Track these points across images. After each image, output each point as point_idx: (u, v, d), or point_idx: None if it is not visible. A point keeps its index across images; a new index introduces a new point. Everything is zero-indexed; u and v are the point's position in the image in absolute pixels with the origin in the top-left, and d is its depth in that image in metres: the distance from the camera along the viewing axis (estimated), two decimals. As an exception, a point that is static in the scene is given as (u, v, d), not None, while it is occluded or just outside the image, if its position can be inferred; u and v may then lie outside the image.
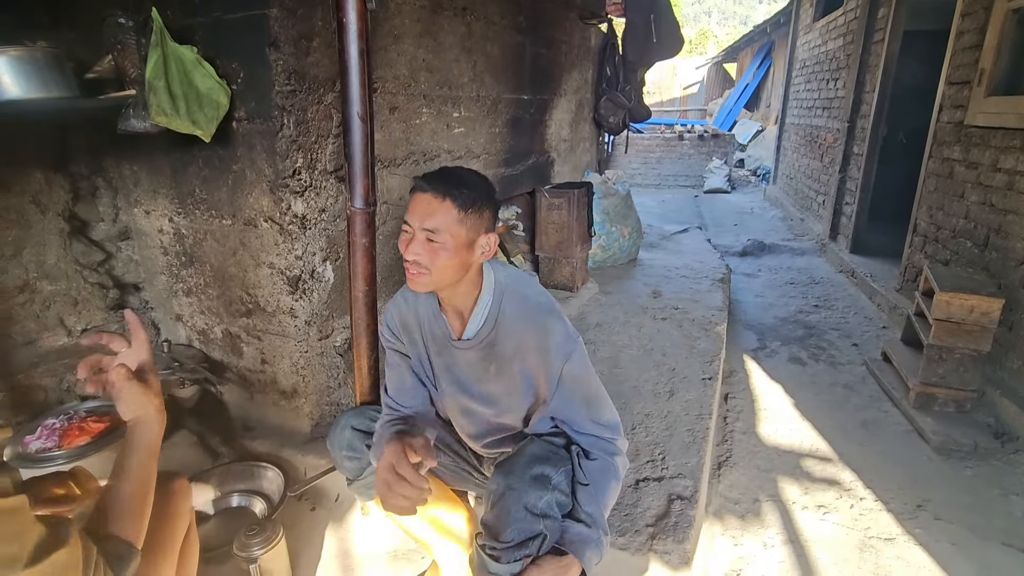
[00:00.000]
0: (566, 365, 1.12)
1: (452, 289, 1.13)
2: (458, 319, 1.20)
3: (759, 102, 12.61)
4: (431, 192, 1.05)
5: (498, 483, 1.06)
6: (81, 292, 1.92)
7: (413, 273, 1.08)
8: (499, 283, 1.18)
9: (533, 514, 1.01)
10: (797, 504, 1.97)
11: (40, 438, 1.54)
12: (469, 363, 1.19)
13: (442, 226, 1.04)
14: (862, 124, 4.80)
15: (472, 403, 1.23)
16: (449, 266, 1.07)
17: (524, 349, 1.14)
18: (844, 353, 3.19)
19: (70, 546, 0.67)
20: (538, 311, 1.16)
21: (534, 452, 1.10)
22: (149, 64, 1.43)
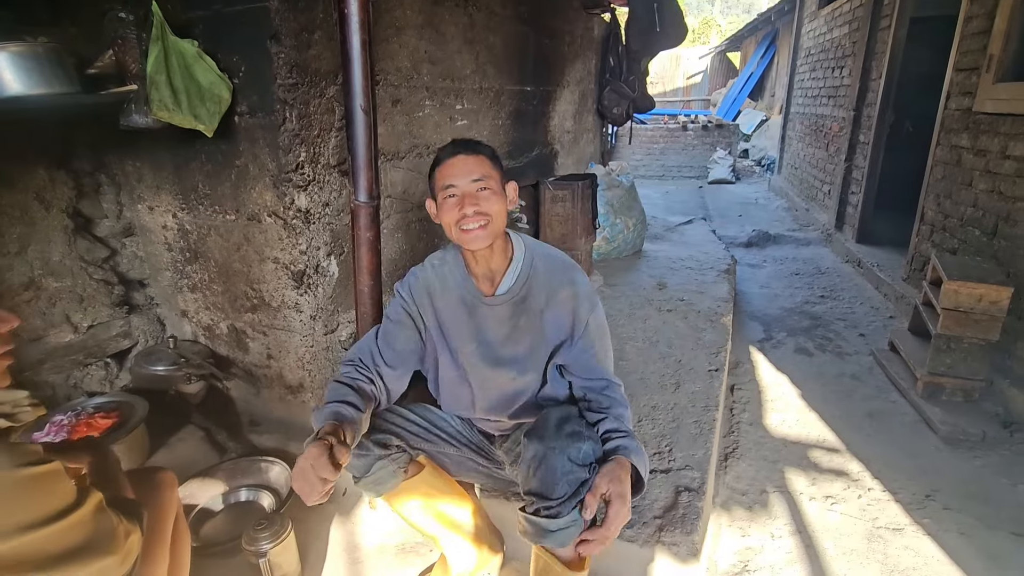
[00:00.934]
0: (592, 314, 1.24)
1: (491, 248, 1.22)
2: (488, 282, 1.27)
3: (763, 91, 12.50)
4: (463, 152, 1.19)
5: (535, 449, 1.08)
6: (86, 289, 1.92)
7: (476, 227, 1.16)
8: (528, 247, 1.30)
9: (578, 464, 1.04)
10: (804, 495, 1.96)
11: (49, 434, 1.55)
12: (499, 321, 1.26)
13: (487, 172, 1.18)
14: (868, 112, 4.75)
15: (496, 364, 1.28)
16: (502, 211, 1.19)
17: (554, 298, 1.24)
18: (851, 343, 3.17)
19: (95, 497, 0.80)
20: (566, 266, 1.28)
21: (559, 415, 1.15)
22: (150, 59, 1.42)
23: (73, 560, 0.74)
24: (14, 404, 0.77)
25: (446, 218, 1.19)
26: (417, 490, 1.36)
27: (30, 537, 0.69)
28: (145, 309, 2.11)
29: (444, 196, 1.19)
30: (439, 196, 1.21)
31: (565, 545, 1.05)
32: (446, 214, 1.19)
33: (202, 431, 1.89)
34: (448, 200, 1.18)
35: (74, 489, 0.77)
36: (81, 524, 0.75)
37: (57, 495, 0.74)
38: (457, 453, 1.41)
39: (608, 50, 4.04)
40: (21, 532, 0.69)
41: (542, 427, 1.11)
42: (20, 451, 0.72)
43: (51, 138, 1.80)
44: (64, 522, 0.73)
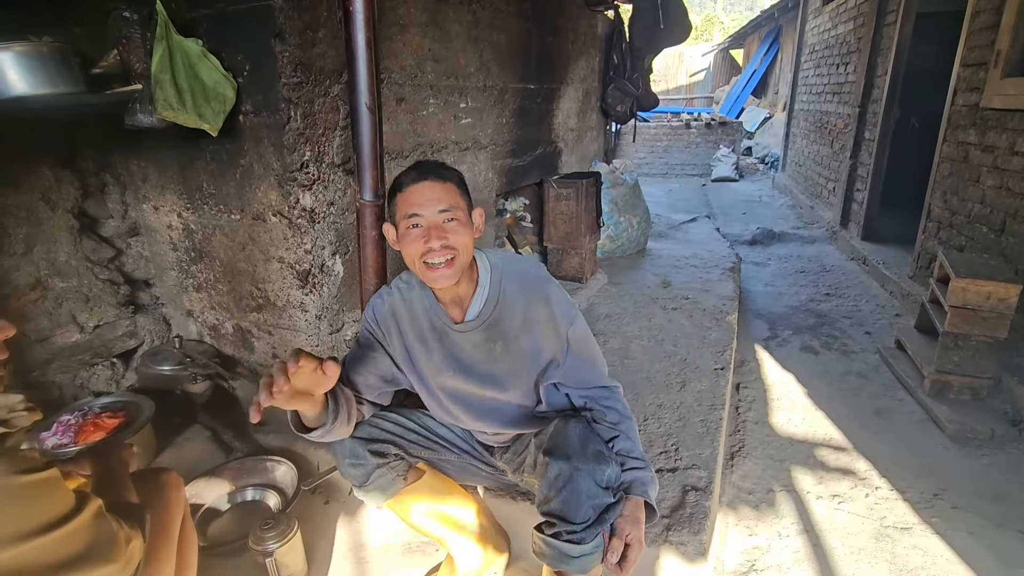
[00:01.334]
0: (571, 329, 1.18)
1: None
2: (457, 307, 1.20)
3: (767, 89, 12.45)
4: (430, 179, 1.09)
5: (559, 469, 1.04)
6: (92, 289, 1.92)
7: (442, 263, 1.07)
8: (495, 265, 1.21)
9: (602, 488, 1.03)
10: (811, 494, 1.95)
11: (56, 434, 1.56)
12: (474, 345, 1.20)
13: (455, 201, 1.09)
14: (873, 109, 4.72)
15: (477, 387, 1.23)
16: (469, 244, 1.11)
17: (531, 322, 1.17)
18: (857, 341, 3.15)
19: (94, 503, 0.79)
20: (538, 283, 1.20)
21: (580, 432, 1.11)
22: (154, 58, 1.42)
23: (73, 568, 0.73)
24: (9, 409, 0.76)
25: (409, 250, 1.09)
26: (419, 494, 1.35)
27: (28, 546, 0.68)
28: (151, 309, 2.11)
29: (407, 226, 1.08)
30: (400, 225, 1.10)
31: (586, 572, 1.01)
32: (409, 246, 1.08)
33: (208, 431, 1.89)
34: (411, 231, 1.08)
35: (72, 496, 0.76)
36: (80, 531, 0.74)
37: (55, 502, 0.73)
38: (458, 460, 1.39)
39: (612, 47, 4.02)
40: (19, 541, 0.68)
41: (565, 444, 1.07)
42: (16, 458, 0.71)
43: (56, 138, 1.80)
44: (62, 530, 0.72)
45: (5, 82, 1.32)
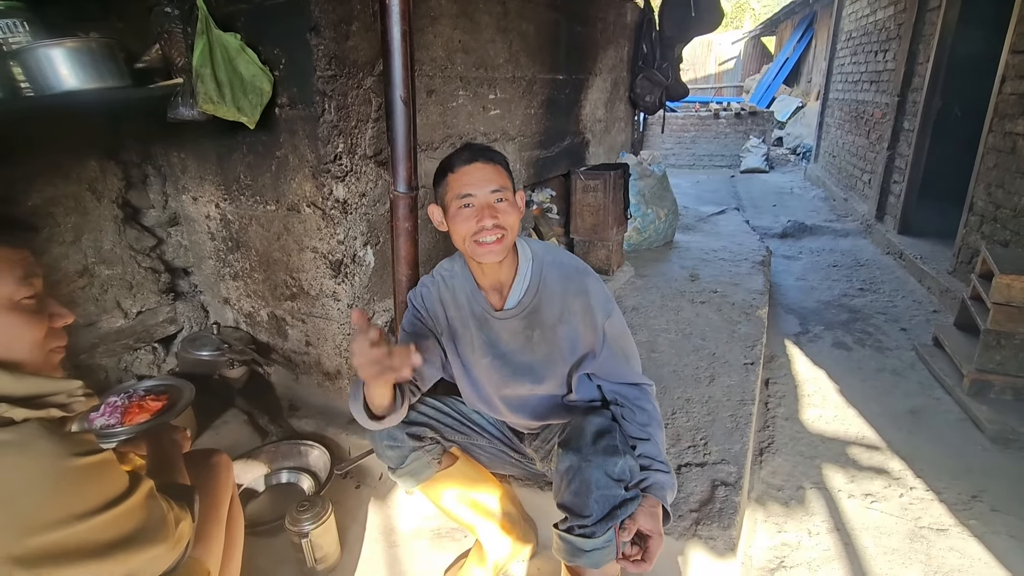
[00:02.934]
0: (607, 321, 1.20)
1: (500, 262, 1.16)
2: (496, 294, 1.23)
3: (799, 77, 12.09)
4: (480, 160, 1.13)
5: (570, 461, 1.06)
6: (135, 276, 1.99)
7: (492, 241, 1.10)
8: (536, 254, 1.23)
9: (613, 479, 1.03)
10: (843, 492, 1.92)
11: (104, 415, 1.63)
12: (512, 333, 1.22)
13: (504, 183, 1.13)
14: (913, 98, 4.56)
15: (513, 374, 1.25)
16: (516, 223, 1.14)
17: (569, 312, 1.19)
18: (892, 338, 3.07)
19: (146, 484, 0.82)
20: (576, 274, 1.22)
21: (595, 425, 1.13)
22: (195, 52, 1.45)
23: (125, 547, 0.75)
24: (69, 394, 0.79)
25: (460, 229, 1.12)
26: (452, 480, 1.38)
27: (84, 525, 0.71)
28: (190, 296, 2.18)
29: (459, 205, 1.11)
30: (451, 205, 1.13)
31: (599, 566, 1.02)
32: (461, 224, 1.11)
33: (245, 415, 1.95)
34: (464, 210, 1.11)
35: (126, 478, 0.79)
36: (132, 512, 0.77)
37: (109, 484, 0.76)
38: (489, 445, 1.42)
39: (641, 36, 3.96)
40: (75, 521, 0.70)
41: (577, 438, 1.09)
42: (75, 441, 0.74)
43: (102, 131, 1.86)
44: (116, 510, 0.74)
45: (57, 77, 1.37)
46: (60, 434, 0.73)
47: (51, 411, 0.75)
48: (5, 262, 0.78)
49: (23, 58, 1.36)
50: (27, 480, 0.68)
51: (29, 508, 0.67)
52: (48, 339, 0.83)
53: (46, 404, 0.75)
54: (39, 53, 1.35)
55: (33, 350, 0.80)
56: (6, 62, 1.36)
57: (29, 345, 0.80)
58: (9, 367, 0.75)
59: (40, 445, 0.70)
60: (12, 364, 0.76)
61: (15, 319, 0.78)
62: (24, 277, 0.80)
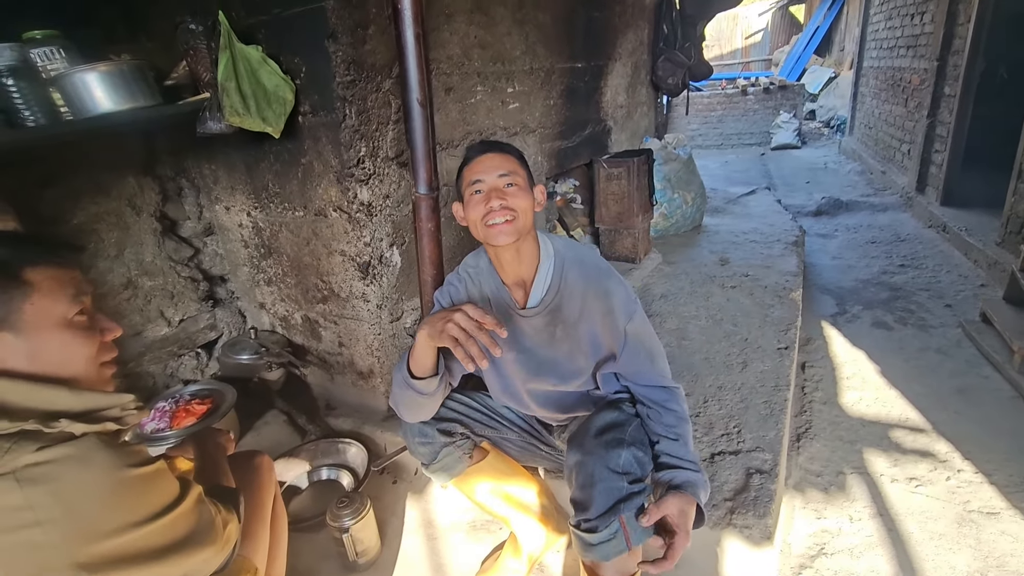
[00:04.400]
0: (629, 324, 1.19)
1: (519, 247, 1.18)
2: (520, 289, 1.24)
3: (831, 46, 11.60)
4: (491, 151, 1.18)
5: (574, 457, 1.08)
6: (176, 286, 2.08)
7: (502, 222, 1.12)
8: (558, 251, 1.24)
9: (615, 472, 1.04)
10: (885, 476, 1.87)
11: (154, 420, 1.71)
12: (535, 329, 1.23)
13: (514, 168, 1.16)
14: (954, 61, 4.33)
15: (538, 370, 1.26)
16: (528, 208, 1.16)
17: (590, 311, 1.19)
18: (936, 315, 2.95)
19: (195, 490, 0.86)
20: (598, 275, 1.22)
21: (602, 420, 1.14)
22: (220, 66, 1.50)
23: (176, 552, 0.79)
24: (122, 408, 0.82)
25: (472, 214, 1.16)
26: (484, 474, 1.40)
27: (140, 532, 0.75)
28: (227, 303, 2.27)
29: (471, 192, 1.16)
30: (466, 193, 1.18)
31: (608, 559, 1.02)
32: (472, 210, 1.16)
33: (284, 415, 2.03)
34: (474, 196, 1.15)
35: (176, 485, 0.83)
36: (183, 518, 0.81)
37: (161, 492, 0.80)
38: (519, 439, 1.44)
39: (661, 17, 3.87)
40: (131, 528, 0.74)
41: (582, 434, 1.11)
42: (130, 453, 0.78)
43: (137, 148, 1.94)
44: (168, 517, 0.78)
45: (93, 100, 1.43)
46: (116, 447, 0.77)
47: (107, 425, 0.78)
48: (57, 281, 0.81)
49: (61, 84, 1.42)
50: (89, 492, 0.72)
51: (92, 517, 0.71)
52: (100, 353, 0.87)
53: (102, 418, 0.78)
54: (75, 78, 1.41)
55: (87, 365, 0.84)
56: (46, 89, 1.43)
57: (84, 361, 0.83)
58: (67, 383, 0.79)
59: (99, 458, 0.74)
60: (69, 380, 0.80)
61: (70, 336, 0.82)
62: (75, 295, 0.83)
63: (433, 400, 1.20)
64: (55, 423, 0.72)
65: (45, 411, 0.73)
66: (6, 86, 1.37)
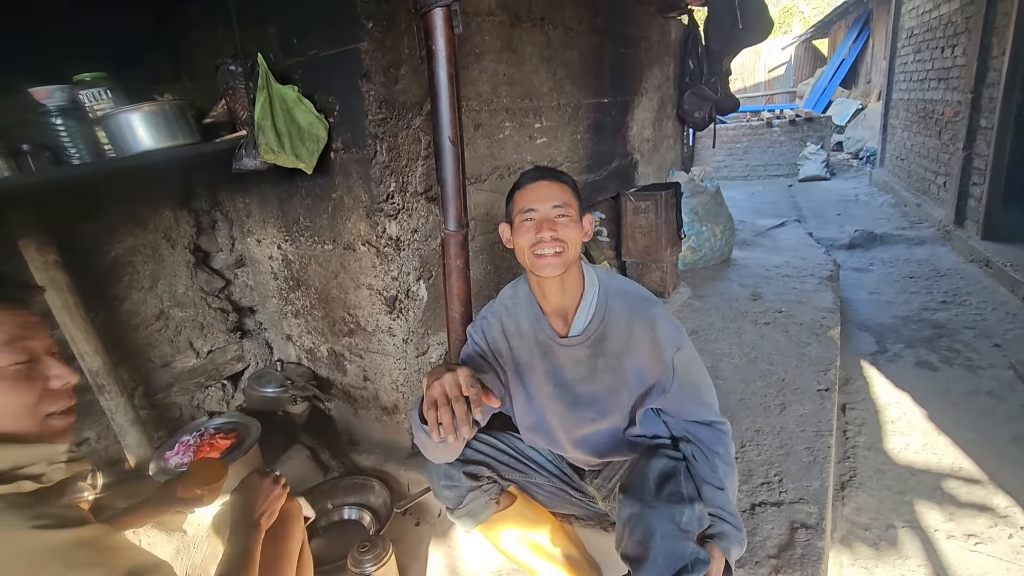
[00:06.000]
0: (677, 354, 1.15)
1: (562, 281, 1.16)
2: (560, 319, 1.21)
3: (857, 78, 11.56)
4: (547, 179, 1.17)
5: (631, 508, 1.02)
6: (206, 317, 2.10)
7: (551, 254, 1.11)
8: (601, 281, 1.22)
9: (680, 529, 0.97)
10: (940, 532, 1.74)
11: (178, 454, 1.70)
12: (577, 361, 1.19)
13: (568, 200, 1.15)
14: (990, 93, 4.24)
15: (575, 404, 1.22)
16: (577, 241, 1.15)
17: (635, 342, 1.16)
18: (984, 355, 2.80)
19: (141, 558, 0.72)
20: (643, 304, 1.19)
21: (658, 468, 1.07)
22: (257, 106, 1.53)
23: None
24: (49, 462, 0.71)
25: (521, 241, 1.15)
26: (511, 521, 1.34)
27: None
28: (255, 334, 2.28)
29: (522, 219, 1.15)
30: (516, 219, 1.17)
31: None
32: (521, 236, 1.15)
33: (307, 450, 1.99)
34: (525, 223, 1.15)
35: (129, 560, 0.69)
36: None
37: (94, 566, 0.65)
38: (549, 484, 1.38)
39: (687, 53, 3.90)
40: None
41: (639, 484, 1.04)
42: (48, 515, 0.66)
43: (175, 182, 1.99)
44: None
45: (135, 138, 1.48)
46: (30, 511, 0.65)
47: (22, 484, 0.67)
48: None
49: (106, 123, 1.47)
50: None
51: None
52: (43, 404, 0.76)
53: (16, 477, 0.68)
54: (120, 118, 1.46)
55: (21, 418, 0.73)
56: (92, 128, 1.48)
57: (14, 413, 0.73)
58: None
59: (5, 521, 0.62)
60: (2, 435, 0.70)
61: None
62: (10, 341, 0.73)
63: (450, 448, 1.16)
64: None
65: None
66: (55, 125, 1.42)
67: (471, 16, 1.90)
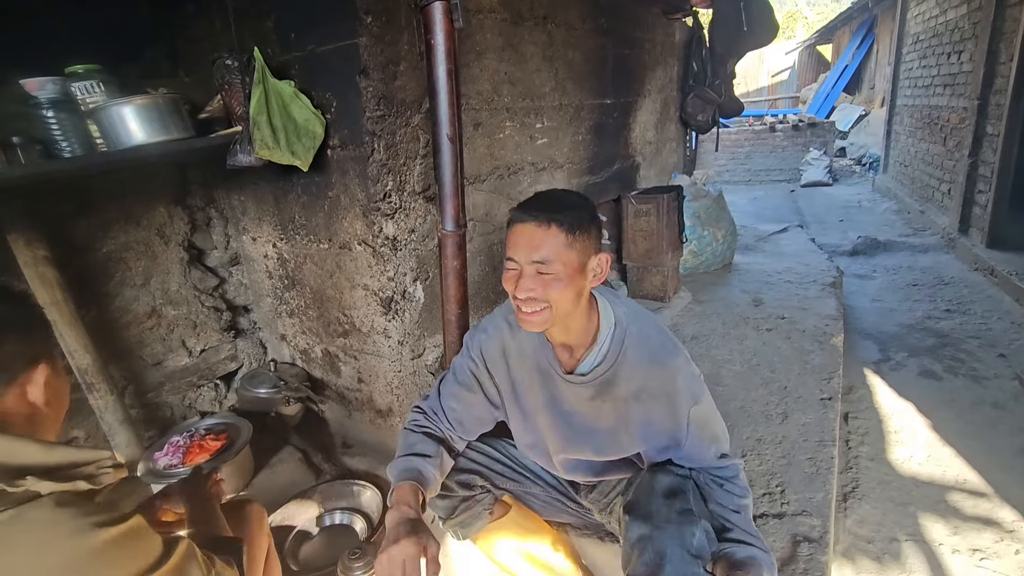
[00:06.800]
0: (694, 408, 1.06)
1: (565, 323, 1.05)
2: (567, 352, 1.11)
3: (861, 84, 11.54)
4: (533, 221, 0.98)
5: (640, 529, 0.96)
6: (199, 315, 2.07)
7: (527, 312, 1.00)
8: (619, 321, 1.09)
9: (690, 554, 0.92)
10: (945, 546, 1.70)
11: (167, 455, 1.67)
12: (578, 398, 1.11)
13: (552, 255, 0.97)
14: (996, 100, 4.20)
15: (573, 437, 1.15)
16: (565, 297, 0.99)
17: (648, 394, 1.06)
18: (988, 365, 2.77)
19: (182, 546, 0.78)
20: (663, 353, 1.07)
21: (665, 484, 1.01)
22: (252, 101, 1.50)
23: None
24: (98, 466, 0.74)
25: (505, 286, 1.03)
26: (505, 531, 1.31)
27: None
28: (249, 333, 2.24)
29: (506, 262, 1.03)
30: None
31: None
32: (505, 284, 1.03)
33: (299, 452, 1.96)
34: (507, 271, 1.02)
35: (158, 542, 0.75)
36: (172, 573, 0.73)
37: (142, 552, 0.72)
38: (544, 493, 1.34)
39: (691, 55, 3.86)
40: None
41: (647, 502, 0.98)
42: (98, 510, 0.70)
43: (170, 178, 1.96)
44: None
45: (127, 132, 1.45)
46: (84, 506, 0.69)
47: (78, 483, 0.70)
48: None
49: (98, 116, 1.44)
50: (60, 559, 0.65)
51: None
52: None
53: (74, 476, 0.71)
54: (112, 111, 1.43)
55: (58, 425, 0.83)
56: (84, 121, 1.45)
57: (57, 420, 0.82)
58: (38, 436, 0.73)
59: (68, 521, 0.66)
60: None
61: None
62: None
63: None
64: (20, 481, 0.64)
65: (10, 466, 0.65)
66: (46, 118, 1.39)
67: (472, 13, 1.87)
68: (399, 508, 0.97)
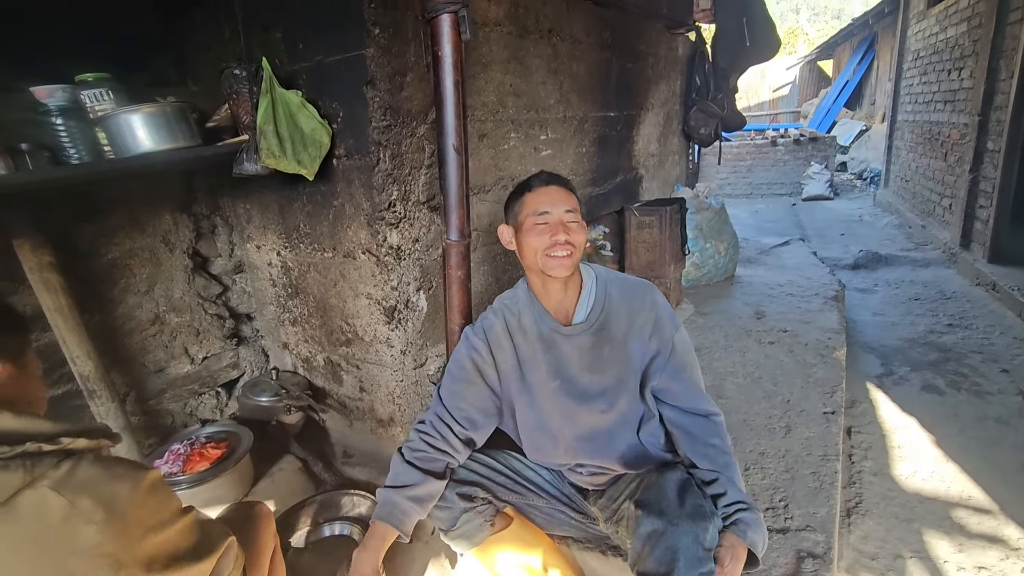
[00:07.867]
0: (677, 334, 1.22)
1: (565, 282, 1.21)
2: (562, 315, 1.24)
3: (861, 99, 11.61)
4: (557, 184, 1.23)
5: (653, 524, 0.99)
6: (202, 323, 2.07)
7: (563, 255, 1.16)
8: (599, 273, 1.28)
9: (705, 548, 0.95)
10: (950, 563, 1.69)
11: (167, 463, 1.66)
12: (581, 352, 1.21)
13: (575, 207, 1.21)
14: (997, 116, 4.23)
15: (582, 398, 1.21)
16: (583, 243, 1.21)
17: (638, 324, 1.21)
18: (992, 381, 2.76)
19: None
20: (642, 289, 1.26)
21: (675, 481, 1.06)
22: (260, 110, 1.52)
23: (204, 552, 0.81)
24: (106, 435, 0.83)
25: (534, 242, 1.18)
26: (506, 543, 1.29)
27: (168, 532, 0.77)
28: (251, 341, 2.24)
29: (535, 221, 1.18)
30: (527, 220, 1.20)
31: None
32: (535, 238, 1.18)
33: (300, 462, 1.95)
34: (539, 226, 1.18)
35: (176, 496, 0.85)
36: (193, 526, 0.83)
37: (173, 496, 0.83)
38: (547, 505, 1.33)
39: (694, 69, 3.90)
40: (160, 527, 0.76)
41: (660, 498, 1.01)
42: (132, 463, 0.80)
43: (176, 186, 1.97)
44: (182, 522, 0.80)
45: (135, 139, 1.45)
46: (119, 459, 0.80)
47: (101, 441, 0.79)
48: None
49: (106, 124, 1.45)
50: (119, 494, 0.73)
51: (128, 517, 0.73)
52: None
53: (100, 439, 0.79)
54: (120, 119, 1.43)
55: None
56: (92, 128, 1.46)
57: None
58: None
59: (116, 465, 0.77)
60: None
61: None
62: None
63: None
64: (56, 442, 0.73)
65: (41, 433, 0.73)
66: (54, 125, 1.40)
67: (479, 26, 1.89)
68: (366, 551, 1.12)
